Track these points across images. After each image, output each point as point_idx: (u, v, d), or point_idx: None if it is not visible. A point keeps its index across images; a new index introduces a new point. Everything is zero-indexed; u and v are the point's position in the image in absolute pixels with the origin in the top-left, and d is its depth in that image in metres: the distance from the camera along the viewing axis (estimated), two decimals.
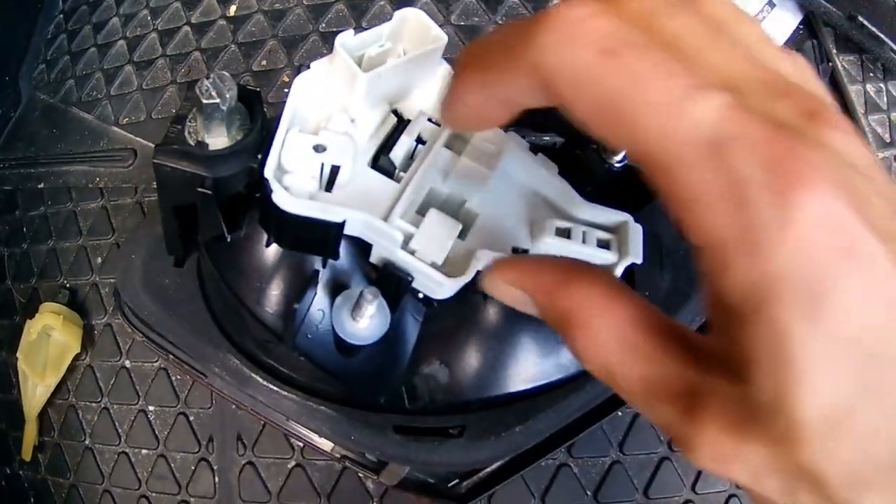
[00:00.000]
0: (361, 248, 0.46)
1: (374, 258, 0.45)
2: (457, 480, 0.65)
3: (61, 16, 1.00)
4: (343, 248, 0.48)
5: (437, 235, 0.41)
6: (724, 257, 0.24)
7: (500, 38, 0.29)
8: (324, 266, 0.52)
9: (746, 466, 0.26)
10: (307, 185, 0.42)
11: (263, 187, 0.42)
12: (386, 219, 0.41)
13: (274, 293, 0.54)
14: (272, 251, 0.53)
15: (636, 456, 0.71)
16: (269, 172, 0.40)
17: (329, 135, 0.42)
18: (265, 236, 0.52)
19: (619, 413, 0.67)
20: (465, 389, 0.57)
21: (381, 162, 0.44)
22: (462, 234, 0.42)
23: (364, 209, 0.41)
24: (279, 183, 0.40)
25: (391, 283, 0.46)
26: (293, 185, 0.41)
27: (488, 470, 0.65)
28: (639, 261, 0.40)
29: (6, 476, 0.84)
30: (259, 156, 0.47)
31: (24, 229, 0.89)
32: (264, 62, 0.87)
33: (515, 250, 0.43)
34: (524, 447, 0.59)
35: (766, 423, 0.25)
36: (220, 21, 0.90)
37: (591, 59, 0.25)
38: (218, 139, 0.48)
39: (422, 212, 0.42)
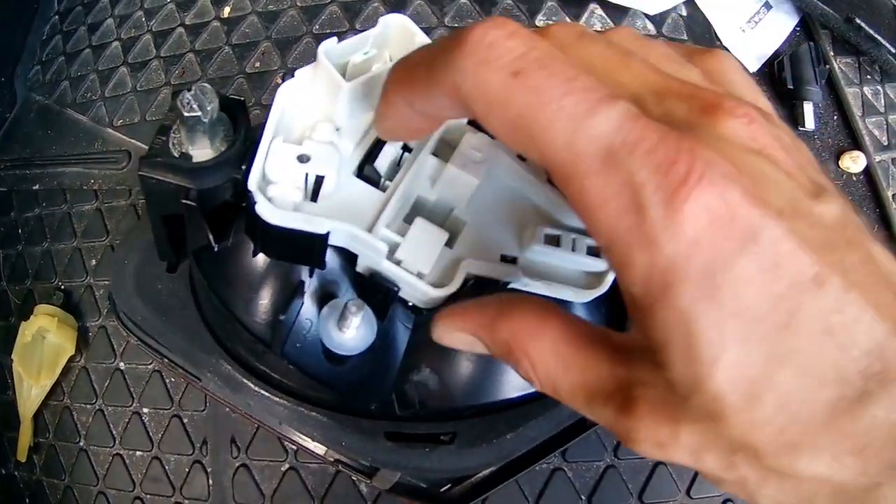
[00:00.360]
0: (348, 257, 0.46)
1: (360, 268, 0.45)
2: (449, 485, 0.65)
3: (57, 17, 1.00)
4: (330, 257, 0.48)
5: (423, 245, 0.41)
6: (627, 254, 0.25)
7: (424, 58, 0.31)
8: (311, 275, 0.52)
9: (684, 449, 0.28)
10: (291, 196, 0.41)
11: (248, 198, 0.41)
12: (371, 229, 0.41)
13: (262, 302, 0.54)
14: (259, 261, 0.53)
15: (630, 460, 0.71)
16: (252, 183, 0.40)
17: (313, 144, 0.42)
18: (252, 246, 0.52)
19: None
20: (455, 396, 0.57)
21: (366, 171, 0.44)
22: (450, 243, 0.42)
23: (349, 220, 0.41)
24: (263, 194, 0.40)
25: (378, 292, 0.45)
26: (277, 195, 0.41)
27: (481, 475, 0.65)
28: None
29: (2, 477, 0.84)
30: (243, 166, 0.47)
31: (20, 231, 0.89)
32: (258, 64, 0.87)
33: (504, 258, 0.42)
34: (515, 454, 0.59)
35: (690, 404, 0.26)
36: (214, 22, 0.90)
37: (502, 80, 0.27)
38: (202, 151, 0.47)
39: (409, 220, 0.42)
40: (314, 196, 0.42)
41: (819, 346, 0.25)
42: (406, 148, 0.45)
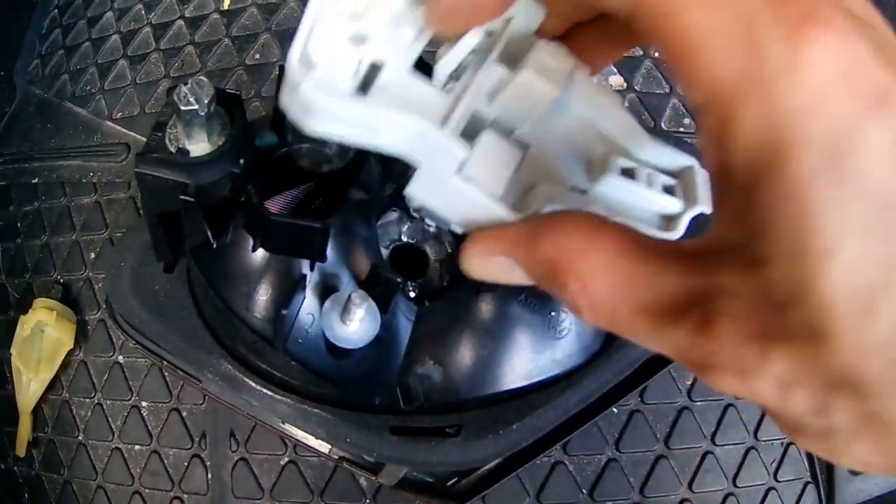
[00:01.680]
0: (350, 247, 0.45)
1: (413, 199, 0.35)
2: (455, 479, 0.65)
3: (56, 10, 1.00)
4: (330, 250, 0.47)
5: (495, 161, 0.34)
6: (732, 107, 0.21)
7: None
8: (311, 269, 0.52)
9: (771, 379, 0.22)
10: (339, 85, 0.33)
11: (248, 194, 0.41)
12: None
13: (263, 298, 0.54)
14: (259, 256, 0.53)
15: (632, 454, 0.71)
16: (293, 60, 0.31)
17: (370, 23, 0.33)
18: (251, 241, 0.51)
19: (615, 410, 0.67)
20: (459, 388, 0.57)
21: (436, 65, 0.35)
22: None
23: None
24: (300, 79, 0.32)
25: (380, 284, 0.45)
26: (320, 84, 0.32)
27: (486, 468, 0.65)
28: (709, 210, 0.33)
29: (1, 472, 0.84)
30: (241, 161, 0.47)
31: (19, 224, 0.89)
32: (258, 56, 0.87)
33: (573, 189, 0.35)
34: (521, 444, 0.59)
35: (789, 316, 0.21)
36: (213, 15, 0.90)
37: None
38: (199, 145, 0.47)
39: (467, 136, 0.34)
40: (364, 89, 0.34)
41: None
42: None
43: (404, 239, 0.62)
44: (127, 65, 0.91)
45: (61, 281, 0.84)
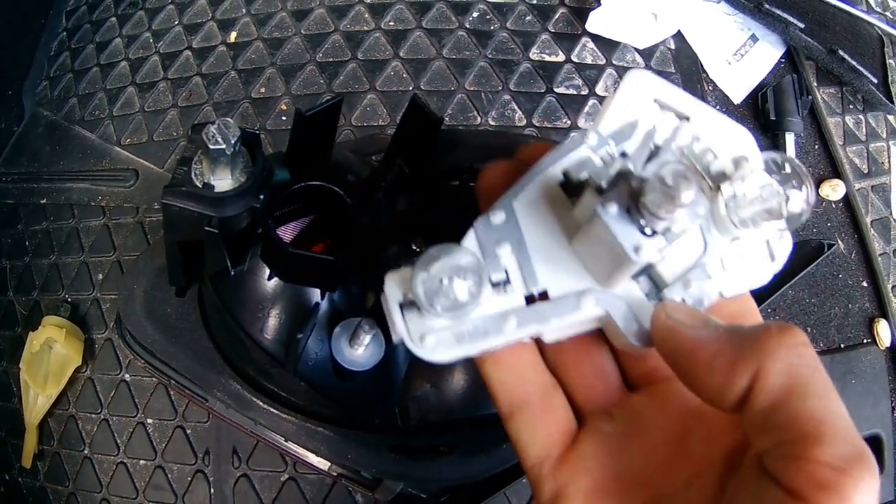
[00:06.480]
0: (357, 278, 0.47)
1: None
2: (448, 495, 0.68)
3: (64, 33, 1.02)
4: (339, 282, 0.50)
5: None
6: None
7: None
8: (322, 298, 0.54)
9: None
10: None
11: (267, 227, 0.43)
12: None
13: (276, 323, 0.56)
14: (273, 284, 0.56)
15: None
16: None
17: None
18: (267, 270, 0.54)
19: None
20: (454, 410, 0.60)
21: None
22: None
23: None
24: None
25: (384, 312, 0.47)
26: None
27: (476, 484, 0.67)
28: None
29: (5, 483, 0.86)
30: (261, 196, 0.49)
31: (27, 243, 0.91)
32: (263, 90, 0.90)
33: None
34: (510, 462, 0.62)
35: None
36: (220, 47, 0.93)
37: None
38: (223, 181, 0.50)
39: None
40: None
41: None
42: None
43: None
44: (135, 92, 0.94)
45: (69, 300, 0.86)
